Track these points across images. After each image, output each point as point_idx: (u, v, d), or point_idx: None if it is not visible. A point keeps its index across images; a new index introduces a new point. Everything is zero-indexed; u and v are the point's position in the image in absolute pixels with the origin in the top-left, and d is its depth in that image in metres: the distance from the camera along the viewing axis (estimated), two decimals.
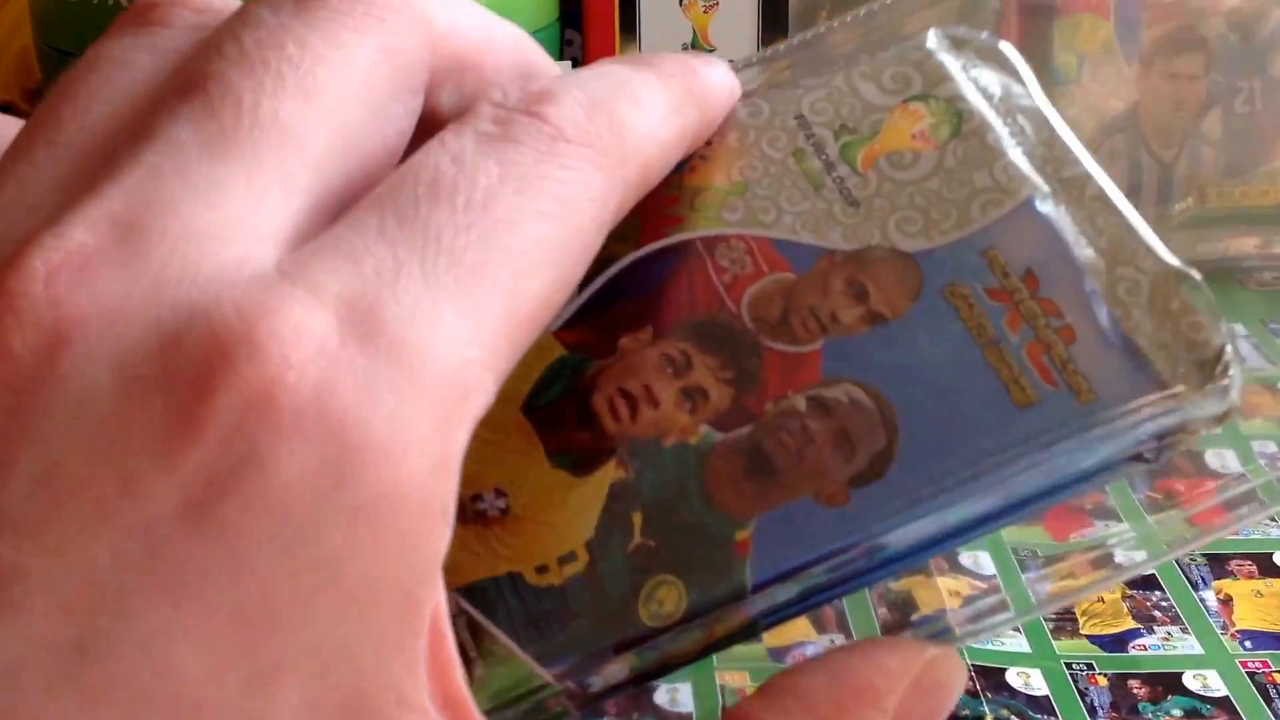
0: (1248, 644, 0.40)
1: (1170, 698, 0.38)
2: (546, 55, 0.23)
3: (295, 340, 0.16)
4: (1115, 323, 0.21)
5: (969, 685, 0.39)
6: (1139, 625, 0.41)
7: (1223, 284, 0.53)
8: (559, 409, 0.22)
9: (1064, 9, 0.51)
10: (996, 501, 0.21)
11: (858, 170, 0.23)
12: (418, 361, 0.16)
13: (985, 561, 0.41)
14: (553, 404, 0.22)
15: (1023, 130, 0.23)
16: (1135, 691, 0.39)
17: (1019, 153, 0.22)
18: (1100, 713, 0.38)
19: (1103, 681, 0.39)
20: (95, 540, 0.15)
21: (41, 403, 0.16)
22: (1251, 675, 0.39)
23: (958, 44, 0.23)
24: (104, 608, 0.15)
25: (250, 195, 0.17)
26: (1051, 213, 0.22)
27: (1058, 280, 0.21)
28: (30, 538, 0.15)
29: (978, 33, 0.24)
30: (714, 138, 0.23)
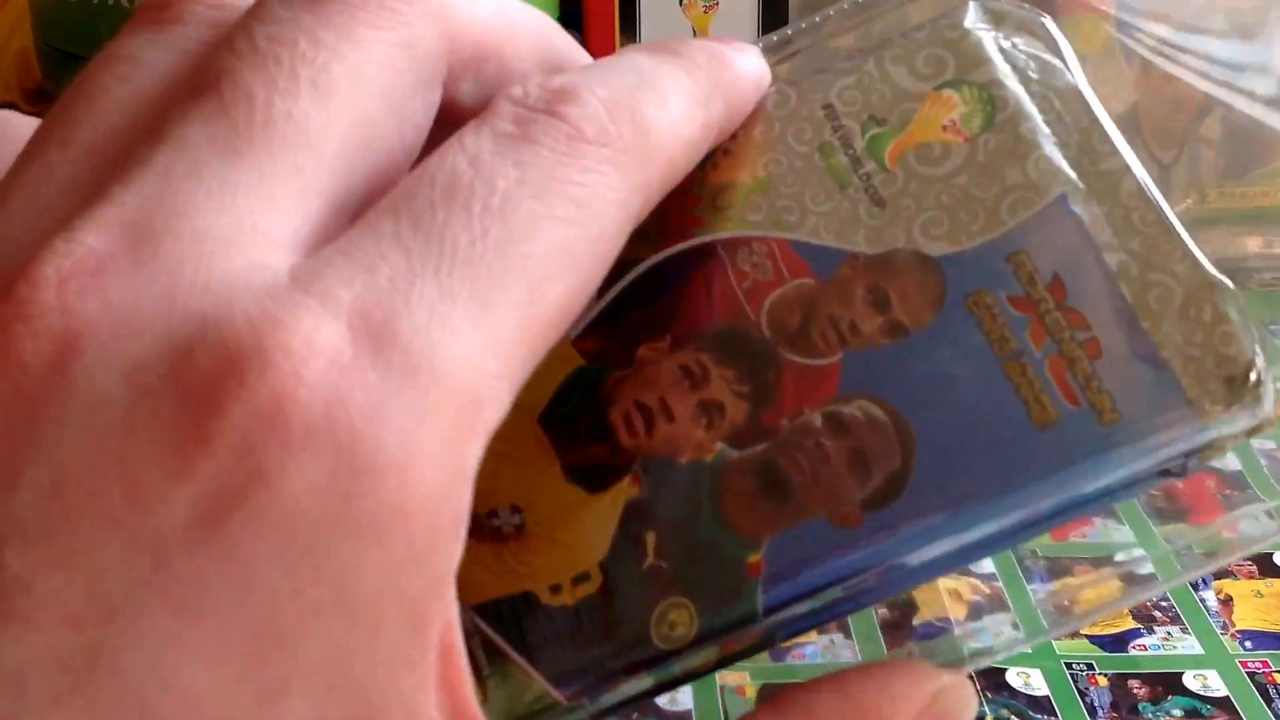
0: (1248, 644, 0.40)
1: (1170, 698, 0.38)
2: (571, 40, 0.22)
3: (306, 354, 0.15)
4: (1144, 336, 0.20)
5: None
6: (1139, 625, 0.41)
7: None
8: (575, 422, 0.22)
9: (1064, 9, 0.51)
10: (1013, 521, 0.20)
11: (885, 166, 0.22)
12: (430, 374, 0.16)
13: (985, 561, 0.41)
14: (569, 417, 0.22)
15: (1060, 117, 0.21)
16: (1135, 691, 0.39)
17: (1054, 143, 0.21)
18: (1100, 713, 0.38)
19: (1103, 681, 0.39)
20: (103, 552, 0.15)
21: (52, 412, 0.15)
22: (1251, 675, 0.39)
23: (997, 18, 0.22)
24: (111, 620, 0.15)
25: (264, 197, 0.17)
26: (1084, 212, 0.21)
27: (1086, 288, 0.21)
28: (38, 548, 0.15)
29: (1019, 4, 0.22)
30: (739, 130, 0.22)
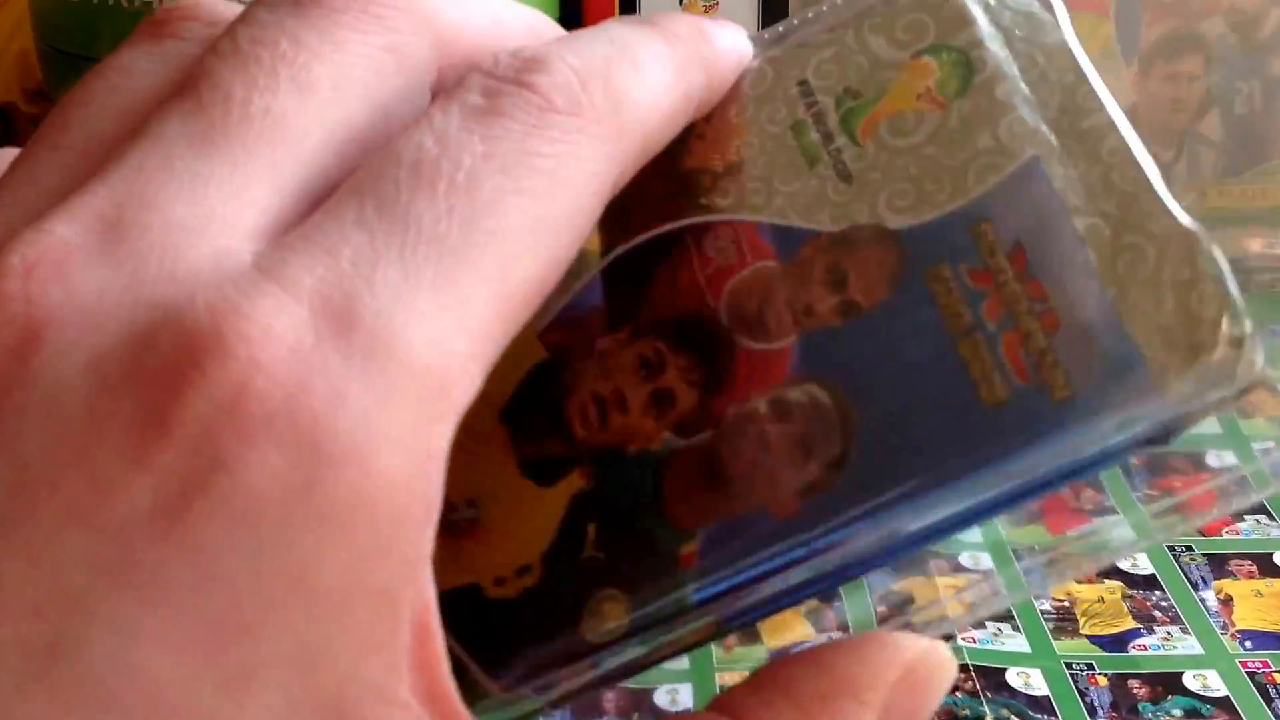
0: (1248, 644, 0.40)
1: (1170, 698, 0.38)
2: (558, 29, 0.22)
3: (265, 341, 0.15)
4: (1107, 305, 0.19)
5: (969, 685, 0.39)
6: (1139, 625, 0.41)
7: None
8: (533, 416, 0.21)
9: None
10: (956, 507, 0.20)
11: (856, 140, 0.21)
12: (394, 357, 0.16)
13: (985, 561, 0.41)
14: (528, 411, 0.21)
15: (1044, 75, 0.21)
16: (1135, 691, 0.39)
17: (1031, 104, 0.20)
18: (1100, 713, 0.38)
19: (1103, 681, 0.39)
20: (66, 542, 0.15)
21: (15, 402, 0.16)
22: (1251, 675, 0.39)
23: None
24: (73, 609, 0.15)
25: (236, 190, 0.17)
26: (1057, 173, 0.20)
27: (1048, 256, 0.20)
28: (1, 539, 0.15)
29: None
30: (713, 112, 0.22)
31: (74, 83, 0.20)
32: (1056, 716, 0.38)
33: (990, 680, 0.39)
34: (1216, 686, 0.39)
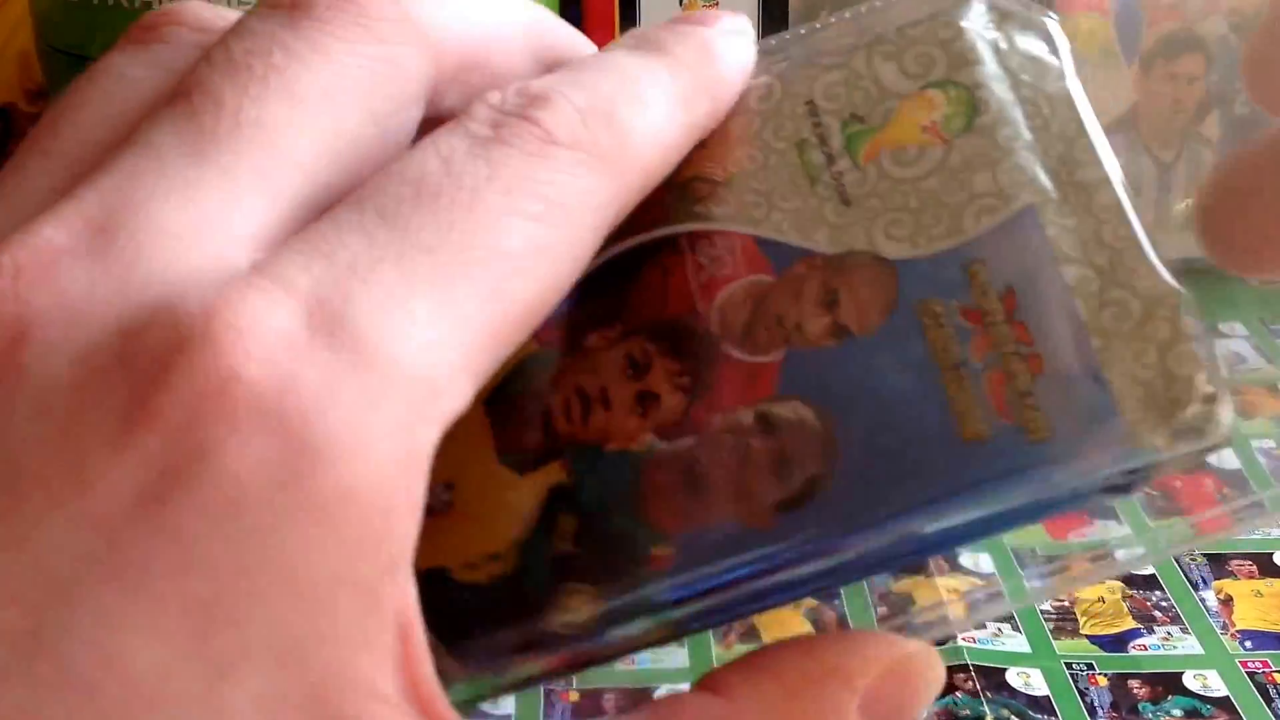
0: (1248, 644, 0.40)
1: (1170, 698, 0.38)
2: (570, 31, 0.22)
3: (255, 332, 0.16)
4: (1089, 354, 0.20)
5: (969, 685, 0.39)
6: (1139, 625, 0.41)
7: (1223, 284, 0.53)
8: (516, 406, 0.21)
9: (1064, 9, 0.52)
10: (928, 534, 0.20)
11: (858, 164, 0.21)
12: (385, 359, 0.16)
13: (985, 562, 0.41)
14: (511, 400, 0.21)
15: (1045, 124, 0.21)
16: (1135, 691, 0.39)
17: (1032, 151, 0.21)
18: (1100, 713, 0.38)
19: (1103, 681, 0.39)
20: (49, 531, 0.15)
21: (3, 397, 0.16)
22: (1251, 675, 0.39)
23: (1002, 16, 0.22)
24: (56, 598, 0.15)
25: (227, 197, 0.17)
26: (1051, 223, 0.20)
27: (1038, 302, 0.20)
28: None
29: (1026, 4, 0.22)
30: (719, 123, 0.22)
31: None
32: (1056, 716, 0.38)
33: (990, 680, 0.39)
34: (1216, 686, 0.39)
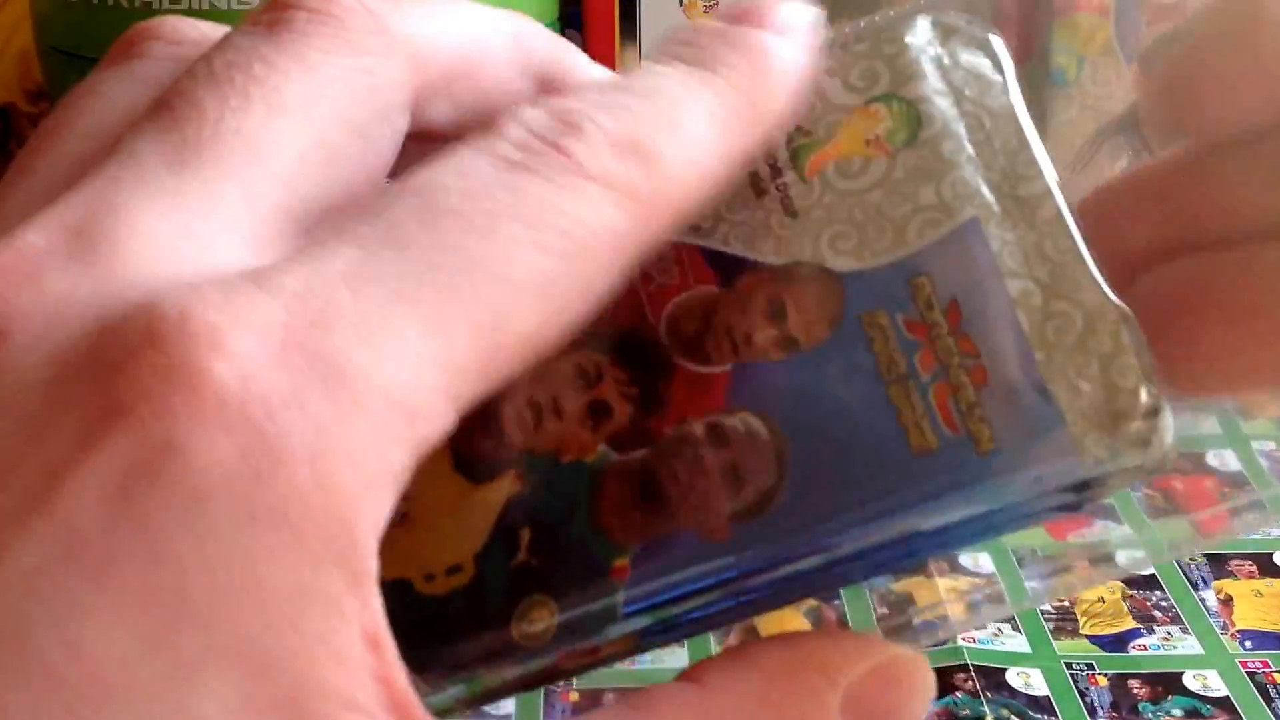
0: (1248, 644, 0.40)
1: (1170, 698, 0.39)
2: (555, 40, 0.22)
3: (229, 332, 0.15)
4: (1033, 366, 0.20)
5: (969, 685, 0.39)
6: (1139, 625, 0.41)
7: None
8: (471, 415, 0.22)
9: (1064, 9, 0.51)
10: (882, 546, 0.20)
11: (803, 177, 0.21)
12: (359, 374, 0.16)
13: (985, 562, 0.41)
14: (466, 410, 0.22)
15: (988, 138, 0.21)
16: (1135, 691, 0.39)
17: (975, 165, 0.21)
18: (1100, 713, 0.38)
19: (1103, 681, 0.39)
20: (19, 528, 0.15)
21: None
22: (1251, 675, 0.39)
23: (946, 33, 0.22)
24: (22, 590, 0.15)
25: (207, 205, 0.17)
26: (994, 236, 0.20)
27: (982, 315, 0.20)
28: None
29: (970, 21, 0.22)
30: None
31: (74, 82, 0.20)
32: (1056, 716, 0.38)
33: (990, 680, 0.39)
34: (1216, 686, 0.39)
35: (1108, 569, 0.23)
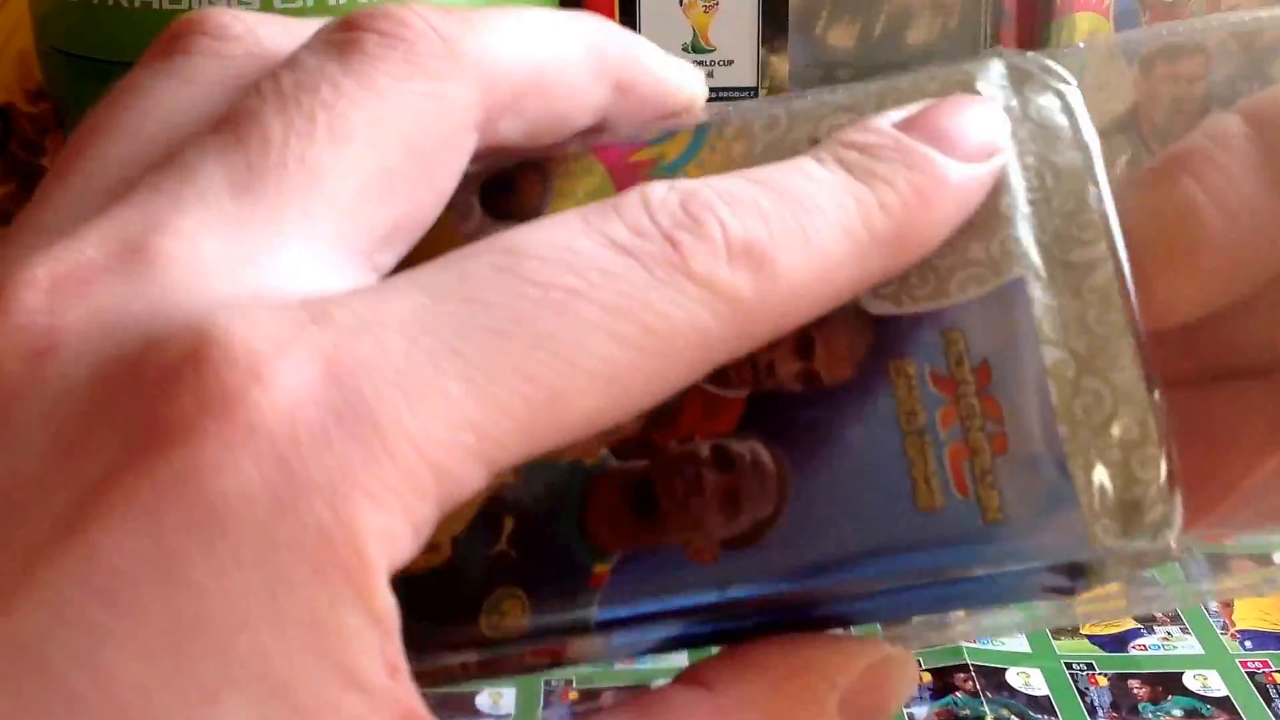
0: (1248, 644, 0.40)
1: (1170, 698, 0.38)
2: (630, 40, 0.21)
3: (273, 357, 0.15)
4: (1055, 441, 0.19)
5: (969, 685, 0.39)
6: (1139, 625, 0.41)
7: None
8: None
9: (1063, 8, 0.52)
10: (866, 595, 0.20)
11: None
12: (395, 422, 0.15)
13: None
14: None
15: (1047, 196, 0.20)
16: (1135, 691, 0.39)
17: (1028, 224, 0.20)
18: (1100, 713, 0.38)
19: (1103, 681, 0.39)
20: (40, 544, 0.15)
21: (22, 405, 0.16)
22: (1251, 675, 0.39)
23: (1020, 79, 0.21)
24: (42, 609, 0.15)
25: (267, 231, 0.17)
26: (1037, 300, 0.20)
27: (1011, 381, 0.20)
28: None
29: (1049, 66, 0.21)
30: (718, 143, 0.21)
31: (74, 83, 0.20)
32: (1056, 716, 0.38)
33: (990, 680, 0.39)
34: (1216, 686, 0.39)
35: (1120, 607, 0.23)
